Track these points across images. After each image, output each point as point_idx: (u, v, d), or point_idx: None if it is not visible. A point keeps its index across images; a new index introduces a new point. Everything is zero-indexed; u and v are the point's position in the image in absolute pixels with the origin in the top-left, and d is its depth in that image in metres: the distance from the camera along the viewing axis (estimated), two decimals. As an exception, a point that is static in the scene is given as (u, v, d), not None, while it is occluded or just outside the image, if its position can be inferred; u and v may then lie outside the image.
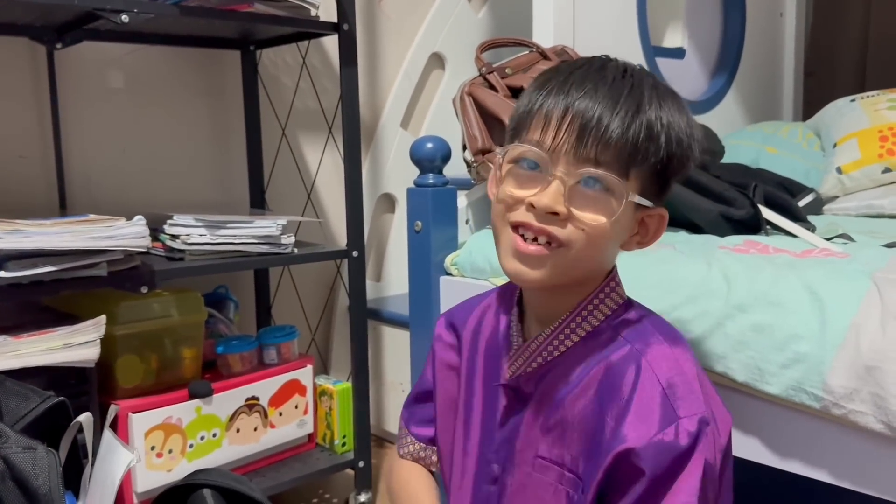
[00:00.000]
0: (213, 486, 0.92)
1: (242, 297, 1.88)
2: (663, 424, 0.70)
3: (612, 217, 0.71)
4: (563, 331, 0.78)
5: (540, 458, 0.77)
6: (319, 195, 2.05)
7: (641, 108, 0.71)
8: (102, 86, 1.71)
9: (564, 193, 0.71)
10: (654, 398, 0.71)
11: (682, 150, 0.74)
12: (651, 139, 0.71)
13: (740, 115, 2.44)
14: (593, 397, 0.74)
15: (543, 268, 0.73)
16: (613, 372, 0.74)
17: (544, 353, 0.79)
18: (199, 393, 1.48)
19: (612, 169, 0.71)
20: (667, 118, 0.73)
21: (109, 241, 1.26)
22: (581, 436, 0.74)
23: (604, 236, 0.72)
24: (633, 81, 0.73)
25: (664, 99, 0.74)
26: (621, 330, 0.77)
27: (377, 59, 2.17)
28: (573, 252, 0.72)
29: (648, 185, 0.74)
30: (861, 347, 0.92)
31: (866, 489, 0.94)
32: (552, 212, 0.71)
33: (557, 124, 0.71)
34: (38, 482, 0.64)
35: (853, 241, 1.32)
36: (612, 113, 0.70)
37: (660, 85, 0.75)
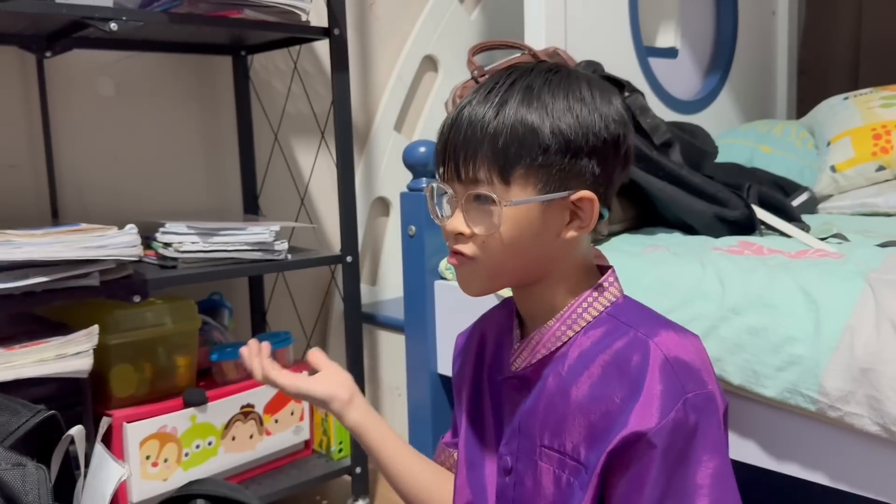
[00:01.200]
0: (207, 497, 0.92)
1: (237, 304, 1.88)
2: (672, 403, 0.72)
3: (495, 227, 0.76)
4: (564, 322, 0.81)
5: (543, 447, 0.80)
6: (313, 200, 2.04)
7: (502, 111, 0.75)
8: (93, 94, 1.70)
9: (464, 215, 0.78)
10: (662, 378, 0.73)
11: (569, 136, 0.75)
12: (517, 139, 0.74)
13: (734, 115, 2.44)
14: (597, 382, 0.76)
15: (472, 277, 0.81)
16: (619, 356, 0.76)
17: (548, 345, 0.81)
18: (193, 401, 1.48)
19: (487, 182, 0.76)
20: (534, 114, 0.75)
21: (101, 251, 1.26)
22: (584, 421, 0.76)
23: (498, 244, 0.77)
24: (501, 91, 0.76)
25: (538, 93, 0.76)
26: (623, 317, 0.80)
27: (370, 63, 2.17)
28: (481, 264, 0.79)
29: (550, 176, 0.76)
30: (856, 349, 0.92)
31: (862, 491, 0.94)
32: (458, 233, 0.78)
33: (444, 156, 0.79)
34: (28, 499, 0.63)
35: (847, 240, 1.31)
36: (475, 129, 0.75)
37: (538, 80, 0.77)
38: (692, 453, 0.73)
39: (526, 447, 0.83)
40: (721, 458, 0.74)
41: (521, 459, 0.83)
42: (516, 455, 0.84)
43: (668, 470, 0.72)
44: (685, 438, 0.72)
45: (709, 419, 0.74)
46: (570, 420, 0.78)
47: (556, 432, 0.79)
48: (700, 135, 1.68)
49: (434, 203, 0.84)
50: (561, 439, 0.79)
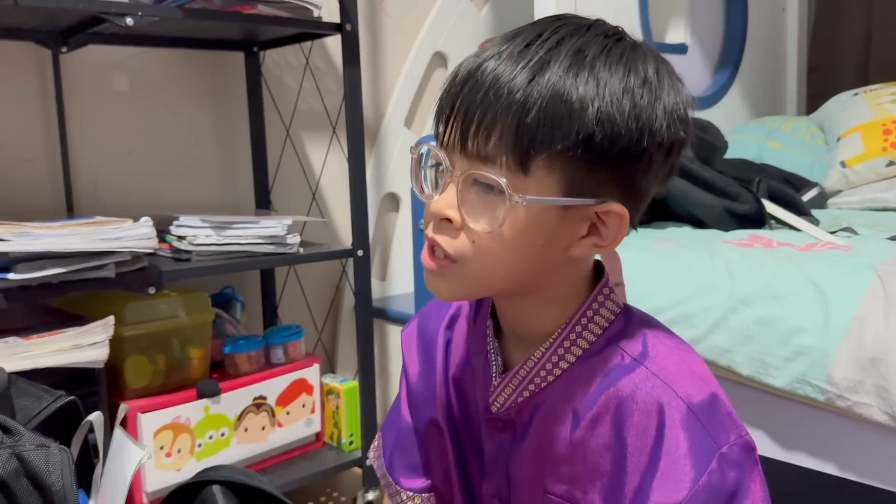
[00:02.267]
0: (222, 482, 0.93)
1: (249, 298, 1.89)
2: (704, 463, 0.58)
3: (495, 226, 0.58)
4: (555, 352, 0.65)
5: (550, 494, 0.67)
6: (324, 195, 2.06)
7: (541, 76, 0.56)
8: (108, 88, 1.72)
9: (458, 197, 0.59)
10: (686, 434, 0.59)
11: (619, 127, 0.57)
12: (553, 117, 0.56)
13: (744, 111, 2.44)
14: (608, 431, 0.62)
15: (446, 283, 0.63)
16: (628, 400, 0.61)
17: (536, 380, 0.66)
18: (207, 393, 1.49)
19: (501, 164, 0.57)
20: (585, 87, 0.56)
21: (117, 243, 1.27)
22: (595, 475, 0.63)
23: (500, 250, 0.59)
24: (545, 45, 0.58)
25: (592, 61, 0.57)
26: (624, 345, 0.64)
27: (380, 59, 2.18)
28: (466, 269, 0.61)
29: (577, 175, 0.58)
30: (865, 339, 0.93)
31: (871, 480, 0.95)
32: (444, 218, 0.60)
33: (449, 115, 0.60)
34: (51, 479, 0.65)
35: (857, 234, 1.32)
36: (499, 92, 0.57)
37: (593, 44, 0.58)
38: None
39: (523, 492, 0.70)
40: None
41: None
42: (506, 500, 0.72)
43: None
44: (728, 497, 0.58)
45: (751, 473, 0.59)
46: (580, 467, 0.64)
47: (563, 479, 0.66)
48: (710, 130, 1.69)
49: (420, 169, 0.65)
50: (570, 488, 0.66)
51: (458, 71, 0.61)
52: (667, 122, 0.59)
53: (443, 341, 0.77)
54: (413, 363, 0.81)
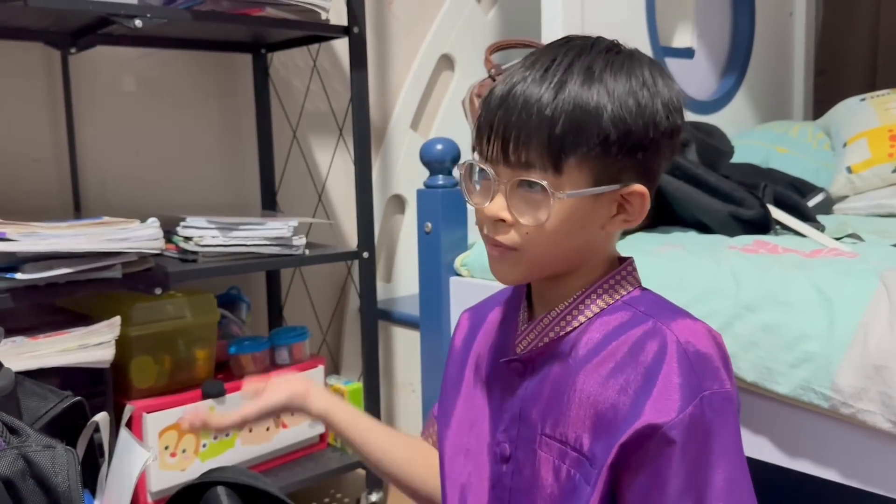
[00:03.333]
0: (227, 484, 0.94)
1: (254, 299, 1.90)
2: (689, 398, 0.68)
3: (544, 219, 0.72)
4: (576, 307, 0.78)
5: (544, 435, 0.77)
6: (330, 197, 2.06)
7: (561, 95, 0.70)
8: (116, 89, 1.73)
9: (507, 201, 0.73)
10: (680, 370, 0.69)
11: (629, 125, 0.71)
12: (576, 126, 0.70)
13: (750, 115, 2.44)
14: (608, 371, 0.73)
15: (511, 267, 0.77)
16: (634, 345, 0.72)
17: (556, 329, 0.78)
18: (212, 393, 1.50)
19: (539, 168, 0.71)
20: (597, 97, 0.70)
21: (124, 244, 1.28)
22: (590, 411, 0.73)
23: (545, 236, 0.73)
24: (561, 69, 0.71)
25: (600, 75, 0.71)
26: (639, 306, 0.76)
27: (387, 61, 2.19)
28: (525, 254, 0.75)
29: (603, 167, 0.72)
30: (869, 347, 0.92)
31: (875, 488, 0.95)
32: (499, 219, 0.74)
33: (489, 134, 0.74)
34: (57, 480, 0.65)
35: (862, 240, 1.32)
36: (530, 109, 0.70)
37: (599, 60, 0.72)
38: (709, 454, 0.69)
39: (526, 435, 0.79)
40: (737, 462, 0.71)
41: (521, 447, 0.80)
42: (515, 443, 0.80)
43: (686, 468, 0.69)
44: (702, 437, 0.69)
45: (726, 420, 0.70)
46: (576, 409, 0.74)
47: (559, 421, 0.76)
48: (716, 134, 1.69)
49: (470, 183, 0.79)
50: (563, 428, 0.75)
51: (491, 97, 0.74)
52: (665, 113, 0.73)
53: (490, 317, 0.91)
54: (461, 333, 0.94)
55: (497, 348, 0.87)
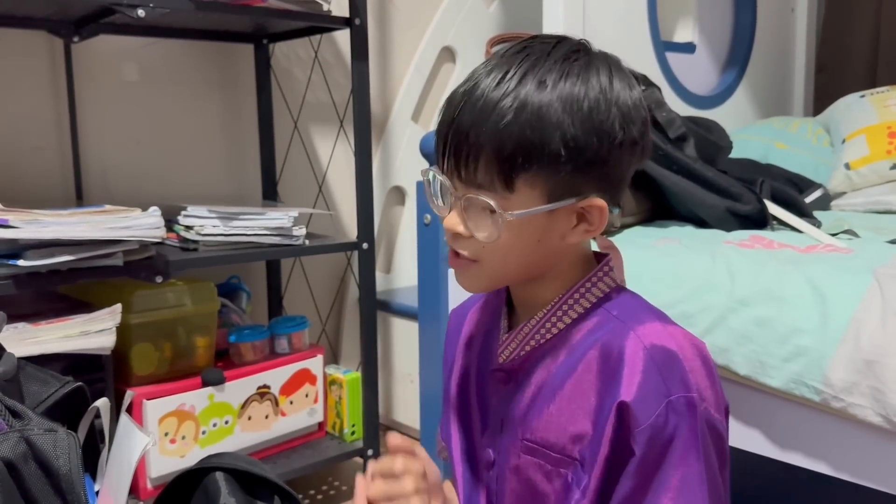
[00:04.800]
0: (225, 469, 0.95)
1: (255, 288, 1.91)
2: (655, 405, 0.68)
3: (496, 236, 0.70)
4: (554, 313, 0.77)
5: (526, 440, 0.76)
6: (330, 188, 2.07)
7: (511, 113, 0.67)
8: (118, 78, 1.73)
9: (461, 214, 0.72)
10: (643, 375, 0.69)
11: (585, 141, 0.67)
12: (525, 146, 0.67)
13: (751, 111, 2.44)
14: (585, 378, 0.73)
15: (472, 279, 0.75)
16: (604, 350, 0.72)
17: (536, 337, 0.77)
18: (211, 381, 1.51)
19: (488, 188, 0.69)
20: (551, 115, 0.67)
21: (126, 232, 1.29)
22: (572, 418, 0.73)
23: (506, 249, 0.71)
24: (512, 83, 0.68)
25: (554, 87, 0.68)
26: (613, 310, 0.75)
27: (388, 53, 2.19)
28: (485, 266, 0.73)
29: (558, 183, 0.69)
30: (861, 342, 0.93)
31: (864, 481, 0.96)
32: (456, 232, 0.73)
33: (443, 148, 0.71)
34: (58, 463, 0.66)
35: (858, 236, 1.33)
36: (479, 130, 0.67)
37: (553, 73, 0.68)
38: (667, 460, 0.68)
39: (508, 442, 0.79)
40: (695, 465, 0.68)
41: (502, 453, 0.80)
42: (498, 449, 0.81)
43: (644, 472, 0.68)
44: (662, 445, 0.68)
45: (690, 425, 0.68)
46: (558, 415, 0.74)
47: (543, 427, 0.75)
48: (715, 130, 1.69)
49: (431, 190, 0.76)
50: (553, 435, 0.75)
51: (446, 108, 0.72)
52: (622, 125, 0.70)
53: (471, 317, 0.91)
54: (451, 343, 0.93)
55: (481, 356, 0.87)
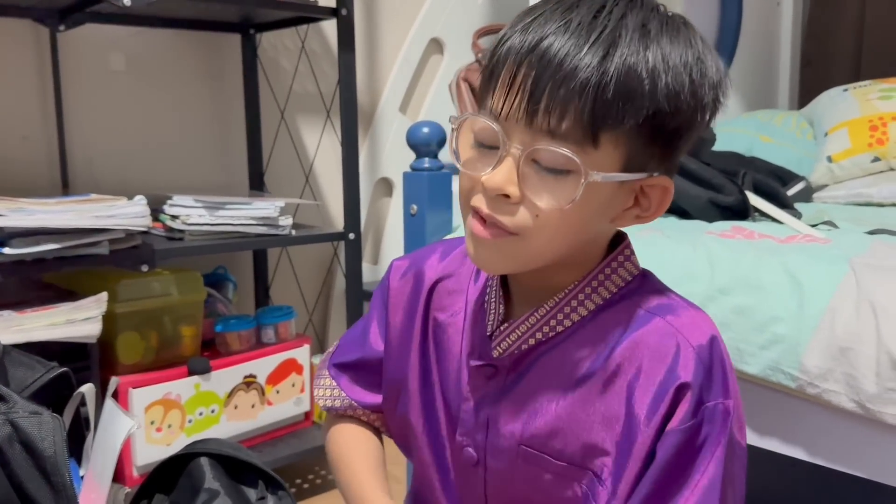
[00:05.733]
0: (210, 455, 0.96)
1: (241, 278, 1.92)
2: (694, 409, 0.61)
3: (568, 202, 0.58)
4: (568, 303, 0.65)
5: (525, 447, 0.67)
6: (317, 178, 2.08)
7: (615, 51, 0.56)
8: (104, 68, 1.73)
9: (518, 171, 0.59)
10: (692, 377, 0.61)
11: (681, 103, 0.58)
12: (628, 91, 0.56)
13: (736, 103, 2.46)
14: (623, 382, 0.63)
15: (499, 255, 0.62)
16: (641, 348, 0.63)
17: (545, 329, 0.66)
18: (197, 370, 1.52)
19: (575, 136, 0.57)
20: (654, 62, 0.57)
21: (111, 220, 1.30)
22: (599, 424, 0.63)
23: (561, 223, 0.60)
24: (611, 18, 0.58)
25: (656, 37, 0.58)
26: (642, 301, 0.65)
27: (376, 44, 2.19)
28: (527, 242, 0.61)
29: (636, 150, 0.59)
30: (836, 329, 0.95)
31: (838, 466, 0.98)
32: (503, 194, 0.59)
33: (510, 80, 0.59)
34: (43, 445, 0.67)
35: (837, 227, 1.35)
36: (574, 59, 0.56)
37: (654, 19, 0.59)
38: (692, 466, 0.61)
39: (498, 444, 0.69)
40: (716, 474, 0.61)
41: (492, 455, 0.70)
42: (485, 450, 0.71)
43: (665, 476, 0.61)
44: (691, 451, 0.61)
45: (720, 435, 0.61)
46: (569, 421, 0.65)
47: (549, 435, 0.66)
48: (699, 122, 1.71)
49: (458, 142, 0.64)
50: (554, 443, 0.65)
51: (514, 41, 0.59)
52: (712, 96, 0.61)
53: (427, 293, 0.77)
54: (397, 311, 0.79)
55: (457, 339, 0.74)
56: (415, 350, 0.77)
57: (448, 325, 0.75)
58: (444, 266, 0.77)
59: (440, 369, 0.76)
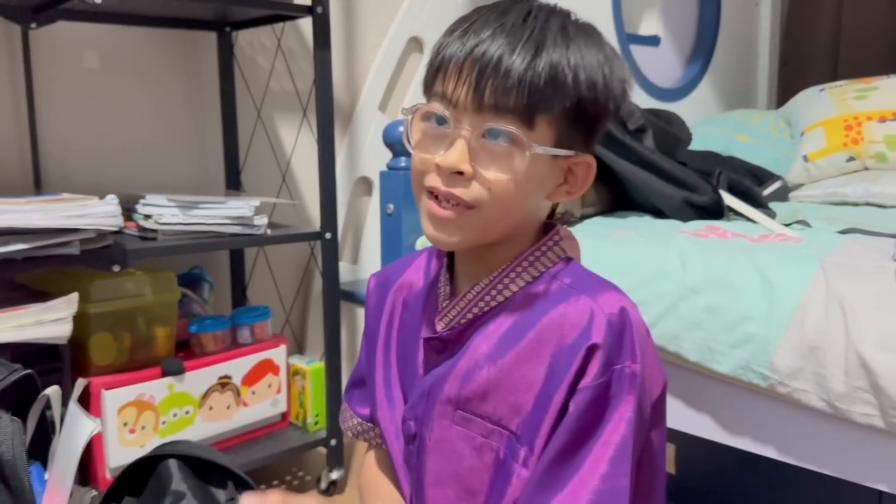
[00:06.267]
0: (179, 456, 0.95)
1: (218, 279, 1.90)
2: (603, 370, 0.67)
3: (516, 173, 0.67)
4: (501, 281, 0.74)
5: (461, 410, 0.74)
6: (295, 177, 2.06)
7: (543, 49, 0.67)
8: (78, 66, 1.71)
9: (469, 151, 0.67)
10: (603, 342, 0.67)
11: (597, 93, 0.69)
12: (555, 83, 0.67)
13: (714, 103, 2.47)
14: (538, 347, 0.70)
15: (459, 231, 0.70)
16: (561, 319, 0.70)
17: (480, 304, 0.74)
18: (171, 371, 1.51)
19: (515, 118, 0.67)
20: (575, 59, 0.68)
21: (82, 220, 1.28)
22: (524, 386, 0.70)
23: (512, 193, 0.69)
24: (538, 23, 0.68)
25: (574, 38, 0.69)
26: (565, 279, 0.73)
27: (355, 43, 2.18)
28: (484, 213, 0.69)
29: (564, 131, 0.69)
30: (806, 328, 0.96)
31: (808, 464, 0.98)
32: (457, 171, 0.68)
33: (457, 74, 0.68)
34: (1, 449, 0.66)
35: (810, 226, 1.36)
36: (511, 57, 0.66)
37: (570, 24, 0.71)
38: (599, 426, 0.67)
39: (435, 412, 0.75)
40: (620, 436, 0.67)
41: (426, 426, 0.76)
42: (422, 420, 0.77)
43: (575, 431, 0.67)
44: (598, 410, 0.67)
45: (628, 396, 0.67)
46: (498, 385, 0.71)
47: (480, 397, 0.72)
48: (675, 122, 1.72)
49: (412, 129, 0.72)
50: (483, 403, 0.72)
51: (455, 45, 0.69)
52: (620, 89, 0.72)
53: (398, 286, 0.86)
54: (370, 318, 0.89)
55: (413, 323, 0.82)
56: (379, 349, 0.85)
57: (408, 318, 0.83)
58: (408, 269, 0.86)
59: (400, 360, 0.83)
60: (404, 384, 0.82)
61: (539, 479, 0.68)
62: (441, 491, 0.76)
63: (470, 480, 0.74)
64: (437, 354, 0.78)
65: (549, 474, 0.68)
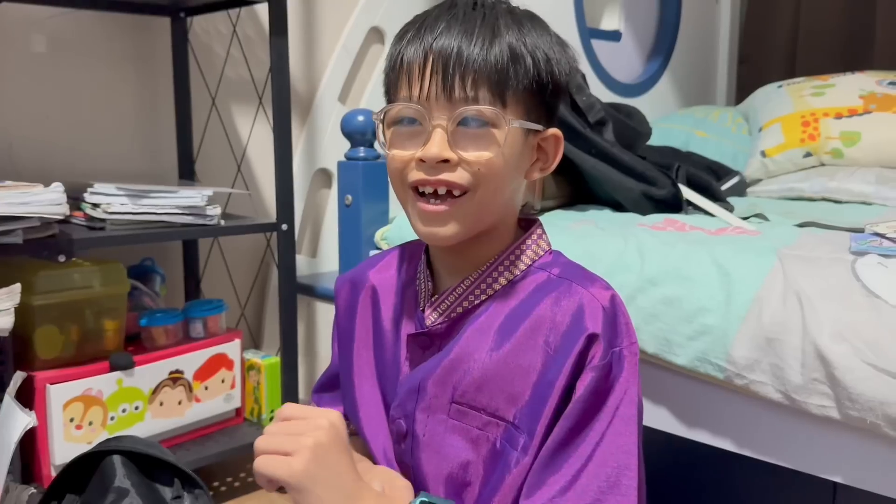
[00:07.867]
0: (123, 452, 0.92)
1: (171, 271, 1.85)
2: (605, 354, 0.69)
3: (499, 149, 0.70)
4: (490, 274, 0.76)
5: (456, 403, 0.74)
6: (251, 167, 2.02)
7: (498, 33, 0.71)
8: (25, 49, 1.65)
9: (448, 139, 0.70)
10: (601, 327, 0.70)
11: (553, 68, 0.74)
12: (516, 61, 0.71)
13: (674, 99, 2.49)
14: (531, 336, 0.72)
15: (454, 222, 0.72)
16: (554, 307, 0.72)
17: (470, 298, 0.76)
18: (119, 365, 1.46)
19: (486, 100, 0.70)
20: (530, 40, 0.72)
21: (24, 208, 1.23)
22: (520, 376, 0.72)
23: (498, 171, 0.71)
24: (485, 11, 0.73)
25: (522, 22, 0.73)
26: (553, 270, 0.76)
27: (314, 32, 2.15)
28: (476, 195, 0.71)
29: (531, 107, 0.73)
30: (763, 320, 0.96)
31: (765, 456, 0.98)
32: (442, 160, 0.70)
33: (421, 72, 0.71)
34: (-75, 445, 0.62)
35: (767, 220, 1.36)
36: (470, 44, 0.70)
37: (515, 9, 0.75)
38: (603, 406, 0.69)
39: (427, 406, 0.76)
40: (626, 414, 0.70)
41: (421, 420, 0.77)
42: (413, 417, 0.77)
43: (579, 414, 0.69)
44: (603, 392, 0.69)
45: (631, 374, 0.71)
46: (494, 376, 0.72)
47: (475, 389, 0.73)
48: (635, 116, 1.71)
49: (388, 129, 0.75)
50: (481, 397, 0.73)
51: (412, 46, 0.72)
52: (569, 67, 0.76)
53: (370, 286, 0.87)
54: (341, 320, 0.90)
55: (389, 322, 0.83)
56: (355, 350, 0.86)
57: (384, 317, 0.84)
58: (378, 269, 0.88)
59: (378, 360, 0.84)
60: (382, 383, 0.83)
61: (550, 454, 0.69)
62: (440, 485, 0.76)
63: (465, 472, 0.75)
64: (422, 351, 0.79)
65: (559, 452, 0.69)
